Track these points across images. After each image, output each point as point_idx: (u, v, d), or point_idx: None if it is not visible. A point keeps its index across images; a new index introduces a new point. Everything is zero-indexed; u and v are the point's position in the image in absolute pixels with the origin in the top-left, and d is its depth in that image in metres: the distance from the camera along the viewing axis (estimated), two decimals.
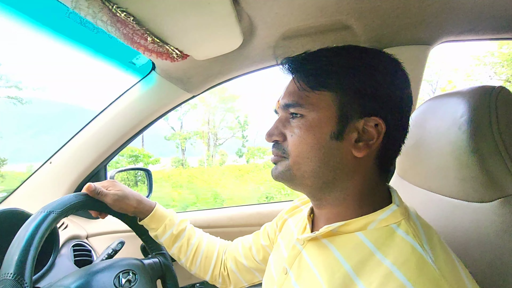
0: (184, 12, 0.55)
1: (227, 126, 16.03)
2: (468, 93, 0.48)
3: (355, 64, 0.41)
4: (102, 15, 0.46)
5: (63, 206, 0.53)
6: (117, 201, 0.61)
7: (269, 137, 0.47)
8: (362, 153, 0.41)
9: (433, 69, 14.41)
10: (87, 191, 0.59)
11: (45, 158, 0.92)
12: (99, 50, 0.69)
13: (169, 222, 0.67)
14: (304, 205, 0.62)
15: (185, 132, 15.20)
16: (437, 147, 0.53)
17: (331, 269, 0.39)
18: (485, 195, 0.45)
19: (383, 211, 0.41)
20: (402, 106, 0.42)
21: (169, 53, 0.66)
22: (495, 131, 0.43)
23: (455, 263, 0.36)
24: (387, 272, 0.34)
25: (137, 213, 0.65)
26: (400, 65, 0.43)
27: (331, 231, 0.42)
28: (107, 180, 0.66)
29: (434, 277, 0.32)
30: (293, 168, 0.44)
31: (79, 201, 0.57)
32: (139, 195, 0.66)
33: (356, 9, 0.71)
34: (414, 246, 0.35)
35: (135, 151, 10.03)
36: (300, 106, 0.43)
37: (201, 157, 15.19)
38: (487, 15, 0.70)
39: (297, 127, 0.43)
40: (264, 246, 0.66)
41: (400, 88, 0.42)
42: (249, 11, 0.66)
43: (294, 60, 0.45)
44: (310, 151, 0.42)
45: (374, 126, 0.40)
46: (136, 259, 0.67)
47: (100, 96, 33.30)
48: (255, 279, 0.70)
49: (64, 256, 0.81)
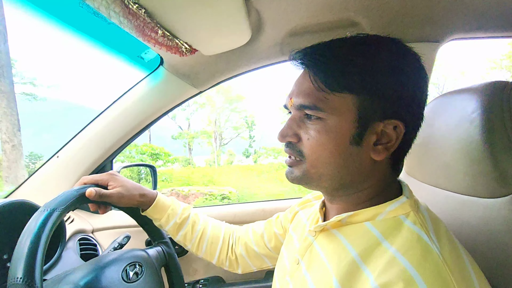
0: (195, 5, 0.55)
1: (232, 126, 16.10)
2: (479, 89, 0.48)
3: (380, 65, 0.39)
4: (115, 6, 0.47)
5: (66, 202, 0.51)
6: (121, 198, 0.60)
7: (283, 138, 0.44)
8: (381, 156, 0.40)
9: (440, 71, 14.39)
10: (89, 197, 0.55)
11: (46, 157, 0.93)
12: (108, 44, 0.69)
13: (171, 211, 0.67)
14: (316, 200, 0.63)
15: (193, 132, 15.31)
16: (446, 143, 0.53)
17: (339, 256, 0.40)
18: (496, 190, 0.45)
19: (392, 203, 0.41)
20: (421, 107, 0.42)
21: (179, 47, 0.67)
22: (508, 126, 0.42)
23: (461, 255, 0.36)
24: (391, 257, 0.34)
25: (141, 205, 0.65)
26: (421, 63, 0.42)
27: (340, 221, 0.43)
28: (106, 173, 0.62)
29: (437, 264, 0.32)
30: (310, 171, 0.43)
31: (82, 195, 0.55)
32: (140, 186, 0.65)
33: (364, 6, 0.71)
34: (420, 235, 0.36)
35: (156, 149, 10.17)
36: (318, 109, 0.40)
37: (207, 156, 15.20)
38: (496, 13, 0.70)
39: (314, 130, 0.41)
40: (277, 234, 0.67)
41: (421, 89, 0.41)
42: (258, 6, 0.66)
43: (308, 53, 0.42)
44: (330, 156, 0.40)
45: (393, 128, 0.39)
46: (140, 250, 0.67)
47: (102, 95, 33.32)
48: (264, 265, 0.71)
49: (71, 250, 0.81)
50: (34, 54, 38.86)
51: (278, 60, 0.90)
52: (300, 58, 0.43)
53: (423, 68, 0.42)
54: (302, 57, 0.42)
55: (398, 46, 0.42)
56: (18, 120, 7.19)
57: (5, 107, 7.08)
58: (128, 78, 1.01)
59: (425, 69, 0.42)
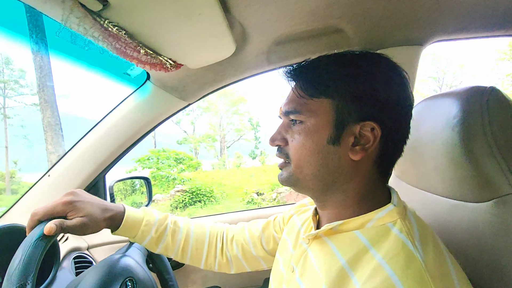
0: (175, 23, 0.55)
1: (234, 129, 16.11)
2: (460, 94, 0.48)
3: (353, 71, 0.43)
4: (93, 31, 0.46)
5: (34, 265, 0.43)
6: (86, 229, 0.52)
7: (272, 142, 0.50)
8: (359, 156, 0.42)
9: (439, 66, 14.57)
10: (47, 234, 0.46)
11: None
12: (92, 63, 0.69)
13: (145, 227, 0.62)
14: (311, 205, 0.63)
15: (199, 136, 15.32)
16: (433, 148, 0.53)
17: (329, 264, 0.41)
18: (480, 195, 0.45)
19: (381, 210, 0.42)
20: (399, 109, 0.43)
21: (163, 63, 0.66)
22: (487, 131, 0.43)
23: (446, 261, 0.37)
24: (377, 265, 0.35)
25: (108, 227, 0.58)
26: (397, 68, 0.44)
27: (331, 229, 0.44)
28: (62, 201, 0.51)
29: (420, 272, 0.34)
30: (295, 172, 0.46)
31: (44, 242, 0.46)
32: (104, 206, 0.57)
33: (347, 13, 0.71)
34: (405, 243, 0.37)
35: (180, 154, 10.27)
36: (299, 113, 0.45)
37: (212, 160, 15.14)
38: (478, 14, 0.71)
39: (297, 133, 0.45)
40: (276, 238, 0.67)
41: (397, 92, 0.43)
42: (240, 19, 0.66)
43: (293, 69, 0.48)
44: (310, 155, 0.44)
45: (371, 130, 0.42)
46: (124, 257, 0.66)
47: (94, 104, 32.83)
48: (260, 267, 0.70)
49: (66, 269, 0.80)
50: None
51: (265, 69, 0.91)
52: (286, 74, 0.48)
53: (399, 74, 0.44)
54: (288, 73, 0.48)
55: (372, 55, 0.45)
56: (61, 130, 7.13)
57: (50, 117, 7.03)
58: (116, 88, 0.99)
59: (402, 73, 0.44)
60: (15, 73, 13.07)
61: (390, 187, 0.48)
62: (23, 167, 13.20)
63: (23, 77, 13.09)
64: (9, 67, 12.99)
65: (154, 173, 9.45)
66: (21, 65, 13.43)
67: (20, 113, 13.29)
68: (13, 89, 13.00)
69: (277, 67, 0.90)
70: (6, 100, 12.84)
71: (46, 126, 6.98)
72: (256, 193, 8.76)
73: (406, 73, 0.45)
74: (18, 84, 13.06)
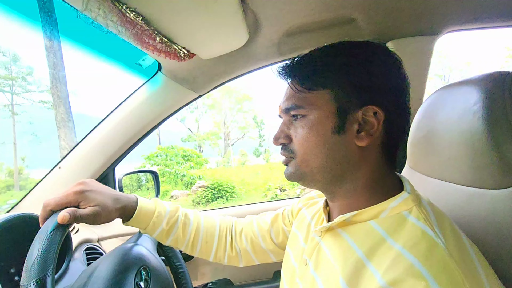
0: (191, 10, 0.55)
1: (238, 127, 16.13)
2: (480, 80, 0.48)
3: (348, 60, 0.43)
4: (112, 16, 0.47)
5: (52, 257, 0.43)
6: (98, 218, 0.52)
7: (276, 141, 0.49)
8: (365, 142, 0.42)
9: (445, 63, 14.44)
10: (61, 222, 0.46)
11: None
12: (106, 53, 0.69)
13: (156, 219, 0.62)
14: (320, 198, 0.63)
15: (203, 133, 15.34)
16: (449, 136, 0.53)
17: (345, 255, 0.40)
18: (501, 181, 0.45)
19: (394, 199, 0.41)
20: (398, 92, 0.44)
21: (177, 52, 0.66)
22: (510, 116, 0.42)
23: (467, 247, 0.37)
24: (397, 254, 0.34)
25: (120, 217, 0.58)
26: (391, 54, 0.45)
27: (345, 221, 0.43)
28: (73, 191, 0.51)
29: (444, 258, 0.33)
30: (301, 166, 0.46)
31: (59, 232, 0.46)
32: (118, 198, 0.57)
33: (360, 3, 0.71)
34: (424, 230, 0.36)
35: (187, 151, 10.29)
36: (300, 108, 0.45)
37: (216, 157, 15.16)
38: (492, 3, 0.70)
39: (300, 127, 0.45)
40: (285, 231, 0.67)
41: (393, 75, 0.44)
42: (254, 7, 0.66)
43: (287, 65, 0.47)
44: (316, 147, 0.44)
45: (373, 114, 0.42)
46: (136, 245, 0.66)
47: (100, 102, 32.89)
48: (269, 259, 0.70)
49: (78, 260, 0.81)
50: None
51: (276, 60, 0.90)
52: (281, 71, 0.47)
53: (393, 57, 0.45)
54: (283, 70, 0.47)
55: (367, 43, 0.45)
56: (74, 126, 7.14)
57: (63, 113, 7.03)
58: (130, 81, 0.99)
59: (396, 58, 0.45)
60: (23, 70, 13.17)
61: (400, 175, 0.48)
62: (30, 163, 13.34)
63: (31, 74, 13.19)
64: (17, 64, 13.10)
65: (162, 170, 9.46)
66: (29, 61, 13.53)
67: (27, 110, 13.41)
68: (21, 86, 13.12)
69: (288, 59, 0.90)
70: (14, 97, 12.96)
71: (59, 122, 6.98)
72: (279, 189, 8.71)
73: (398, 57, 0.45)
74: (26, 81, 13.17)
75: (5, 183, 11.76)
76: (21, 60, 13.24)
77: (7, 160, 12.61)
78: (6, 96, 12.84)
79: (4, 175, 12.26)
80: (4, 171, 12.31)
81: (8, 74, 12.85)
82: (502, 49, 15.60)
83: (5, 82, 12.84)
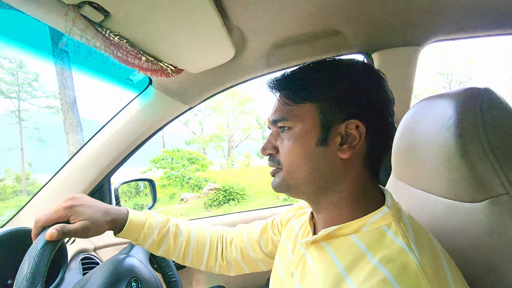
0: (174, 31, 0.57)
1: (240, 128, 16.15)
2: (455, 95, 0.49)
3: (332, 75, 0.45)
4: (96, 41, 0.48)
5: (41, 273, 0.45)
6: (87, 232, 0.53)
7: (264, 151, 0.51)
8: (347, 154, 0.43)
9: (446, 62, 14.30)
10: (49, 239, 0.48)
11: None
12: (96, 70, 0.71)
13: (147, 230, 0.63)
14: (308, 208, 0.64)
15: (207, 136, 15.39)
16: (429, 148, 0.53)
17: (327, 269, 0.42)
18: (475, 195, 0.45)
19: (375, 214, 0.43)
20: (380, 107, 0.45)
21: (164, 69, 0.68)
22: (481, 133, 0.43)
23: (442, 263, 0.38)
24: (373, 268, 0.36)
25: (111, 229, 0.59)
26: (373, 69, 0.47)
27: (328, 234, 0.45)
28: (63, 206, 0.53)
29: (416, 274, 0.34)
30: (287, 177, 0.47)
31: (49, 249, 0.48)
32: (108, 211, 0.58)
33: (345, 15, 0.72)
34: (401, 247, 0.37)
35: (193, 153, 10.41)
36: (286, 120, 0.46)
37: (219, 160, 15.16)
38: (475, 14, 0.70)
39: (286, 139, 0.47)
40: (274, 240, 0.68)
41: (375, 90, 0.45)
42: (238, 24, 0.68)
43: (275, 80, 0.49)
44: (300, 159, 0.45)
45: (355, 128, 0.43)
46: (128, 257, 0.67)
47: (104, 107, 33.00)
48: (259, 268, 0.70)
49: (73, 270, 0.83)
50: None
51: (265, 72, 0.92)
52: (270, 85, 0.49)
53: (375, 73, 0.47)
54: (272, 84, 0.49)
55: (349, 59, 0.48)
56: (82, 131, 7.21)
57: (71, 118, 7.10)
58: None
59: (378, 73, 0.47)
60: (29, 76, 13.37)
61: (383, 188, 0.49)
62: (37, 168, 13.52)
63: (36, 80, 13.38)
64: (23, 70, 13.30)
65: (168, 172, 9.52)
66: (35, 67, 13.69)
67: (34, 115, 13.60)
68: (27, 92, 13.32)
69: (276, 70, 0.92)
70: (21, 103, 13.16)
71: (67, 127, 7.04)
72: None
73: (382, 73, 0.47)
74: (32, 87, 13.37)
75: (13, 189, 11.93)
76: (27, 66, 13.44)
77: (14, 165, 12.80)
78: (13, 102, 13.05)
79: (11, 180, 12.44)
80: (12, 176, 12.50)
81: (15, 80, 13.06)
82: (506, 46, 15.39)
83: (11, 88, 13.05)
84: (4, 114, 12.90)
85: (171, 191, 9.25)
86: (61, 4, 0.45)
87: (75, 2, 0.44)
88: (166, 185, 9.49)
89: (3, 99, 12.74)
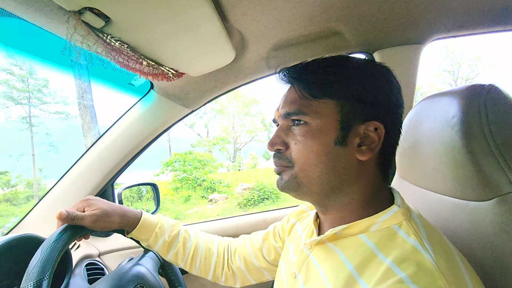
0: (175, 36, 0.57)
1: (246, 130, 16.18)
2: (458, 93, 0.48)
3: (356, 73, 0.44)
4: (97, 47, 0.49)
5: (51, 263, 0.47)
6: (96, 222, 0.56)
7: (272, 147, 0.47)
8: (367, 156, 0.42)
9: (453, 59, 14.13)
10: (59, 219, 0.53)
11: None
12: (97, 76, 0.72)
13: (159, 230, 0.64)
14: (311, 210, 0.63)
15: (212, 138, 15.42)
16: (433, 148, 0.52)
17: (336, 270, 0.40)
18: (481, 194, 0.44)
19: (385, 213, 0.42)
20: (398, 110, 0.45)
21: (165, 73, 0.69)
22: (486, 131, 0.42)
23: (456, 261, 0.37)
24: (387, 268, 0.35)
25: (123, 227, 0.62)
26: (392, 74, 0.46)
27: (335, 234, 0.43)
28: (82, 200, 0.59)
29: (432, 273, 0.33)
30: (299, 175, 0.44)
31: (64, 244, 0.51)
32: (121, 208, 0.61)
33: (344, 16, 0.71)
34: (414, 246, 0.36)
35: (203, 155, 10.49)
36: (303, 114, 0.43)
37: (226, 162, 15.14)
38: (475, 11, 0.69)
39: (300, 135, 0.43)
40: (276, 247, 0.67)
41: (395, 94, 0.45)
42: (238, 27, 0.68)
43: (292, 70, 0.46)
44: (316, 157, 0.42)
45: (374, 130, 0.42)
46: (136, 265, 0.66)
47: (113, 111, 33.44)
48: (264, 278, 0.70)
49: (78, 276, 0.82)
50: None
51: (265, 74, 0.92)
52: (285, 75, 0.47)
53: (394, 77, 0.46)
54: (288, 74, 0.47)
55: (369, 60, 0.47)
56: (99, 134, 7.38)
57: (89, 122, 7.19)
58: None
59: (396, 78, 0.46)
60: (39, 82, 13.63)
61: (392, 188, 0.48)
62: (47, 174, 13.74)
63: (46, 86, 13.64)
64: (33, 76, 13.60)
65: (180, 175, 9.54)
66: (44, 74, 13.97)
67: (44, 121, 13.86)
68: (37, 98, 13.59)
69: (277, 72, 0.91)
70: (31, 109, 13.42)
71: (86, 131, 7.09)
72: None
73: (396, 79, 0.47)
74: (41, 93, 13.64)
75: (24, 194, 12.15)
76: (37, 72, 13.74)
77: (25, 171, 13.05)
78: (24, 108, 13.35)
79: (23, 186, 12.67)
80: (23, 182, 12.74)
81: (25, 87, 13.36)
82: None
83: (22, 94, 13.36)
84: (15, 121, 13.18)
85: (185, 193, 9.20)
86: (63, 11, 0.46)
87: (76, 9, 0.45)
88: (179, 187, 9.45)
89: (14, 105, 13.02)
